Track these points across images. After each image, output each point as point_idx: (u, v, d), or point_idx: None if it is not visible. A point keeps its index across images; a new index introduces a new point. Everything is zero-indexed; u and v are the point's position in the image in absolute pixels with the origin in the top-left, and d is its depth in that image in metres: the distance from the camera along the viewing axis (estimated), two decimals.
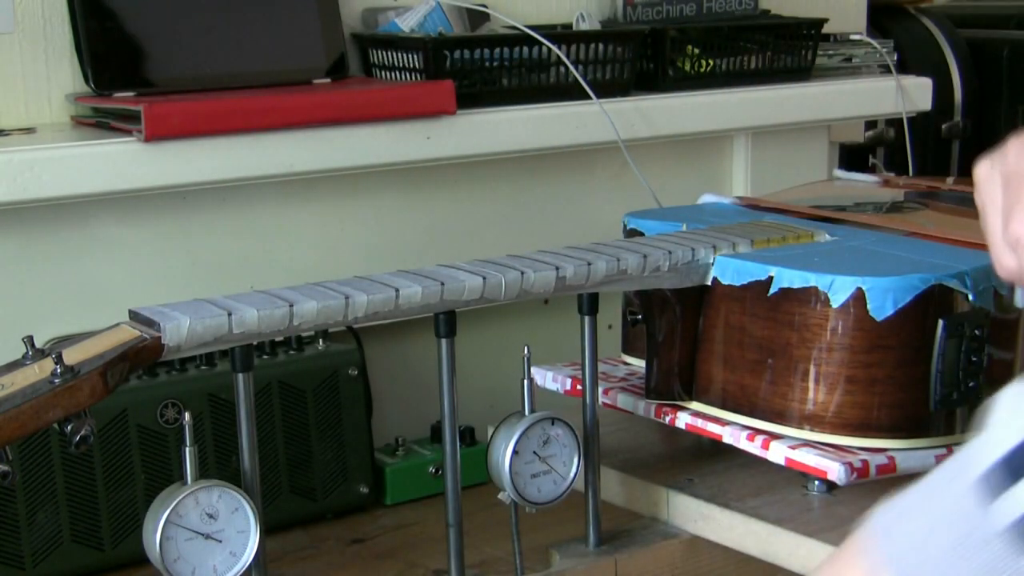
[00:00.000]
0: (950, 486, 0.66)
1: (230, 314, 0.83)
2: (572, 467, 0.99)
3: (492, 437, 0.98)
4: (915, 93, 1.69)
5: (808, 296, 0.98)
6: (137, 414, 1.15)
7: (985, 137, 2.13)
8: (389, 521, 1.26)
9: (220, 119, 1.25)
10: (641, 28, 1.55)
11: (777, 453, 0.98)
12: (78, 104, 1.33)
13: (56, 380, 0.76)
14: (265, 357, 1.23)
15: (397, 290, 0.89)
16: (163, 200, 1.27)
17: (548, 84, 1.45)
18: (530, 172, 1.48)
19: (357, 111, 1.32)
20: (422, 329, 1.03)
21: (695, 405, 1.05)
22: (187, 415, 0.85)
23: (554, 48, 1.43)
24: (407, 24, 1.47)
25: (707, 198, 1.28)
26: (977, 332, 0.99)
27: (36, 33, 1.32)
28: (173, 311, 0.83)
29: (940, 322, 0.97)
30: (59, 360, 0.76)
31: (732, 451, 1.03)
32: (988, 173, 0.75)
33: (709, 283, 1.03)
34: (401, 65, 1.43)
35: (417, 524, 1.25)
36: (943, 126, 2.14)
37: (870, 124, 1.98)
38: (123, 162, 1.21)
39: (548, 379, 1.15)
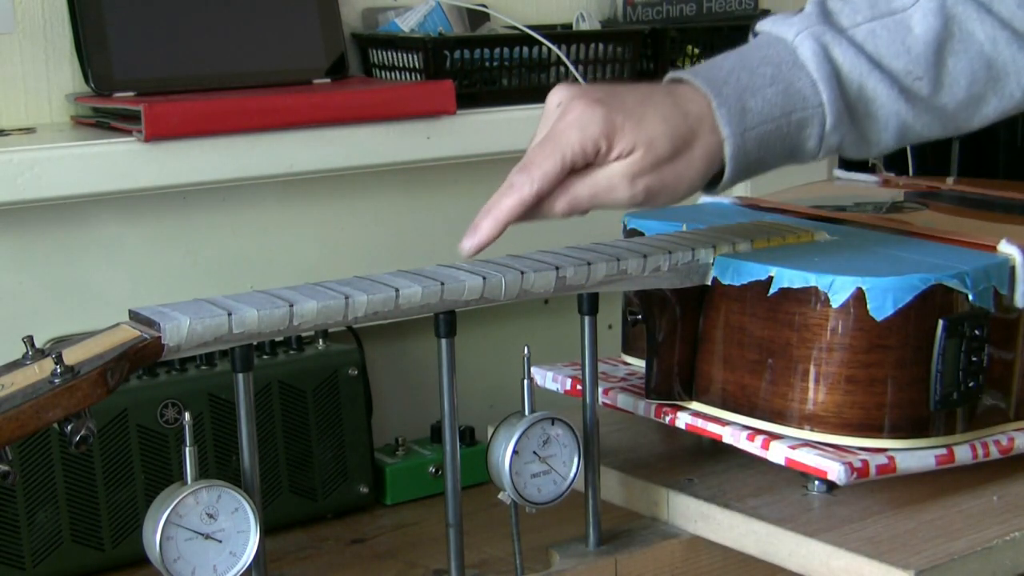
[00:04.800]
0: None
1: (230, 314, 0.83)
2: (572, 467, 0.99)
3: (492, 437, 0.98)
4: None
5: (808, 296, 0.98)
6: (137, 414, 1.15)
7: (985, 136, 2.12)
8: (389, 521, 1.26)
9: (220, 119, 1.25)
10: (641, 28, 1.55)
11: (777, 453, 0.98)
12: (78, 104, 1.33)
13: (56, 380, 0.76)
14: (265, 357, 1.23)
15: (397, 290, 0.89)
16: (163, 200, 1.27)
17: (548, 84, 1.45)
18: None
19: (357, 111, 1.32)
20: (422, 329, 1.03)
21: (695, 405, 1.05)
22: (187, 415, 0.84)
23: (554, 48, 1.43)
24: (407, 24, 1.47)
25: (707, 198, 1.28)
26: (977, 332, 0.99)
27: (36, 33, 1.32)
28: (173, 311, 0.83)
29: (940, 322, 0.97)
30: (59, 360, 0.76)
31: (732, 451, 1.03)
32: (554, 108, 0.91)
33: (709, 283, 1.03)
34: (401, 65, 1.43)
35: (417, 524, 1.25)
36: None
37: None
38: (123, 162, 1.21)
39: (548, 379, 1.15)
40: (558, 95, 0.92)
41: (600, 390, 1.08)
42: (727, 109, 0.91)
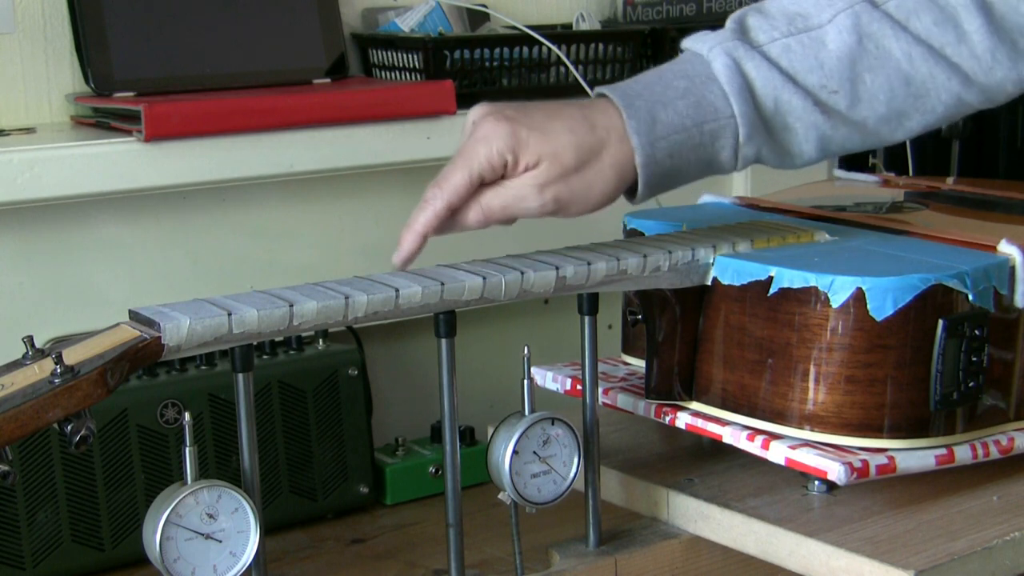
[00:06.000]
0: None
1: (230, 314, 0.83)
2: (572, 467, 0.99)
3: (492, 437, 0.98)
4: None
5: (808, 296, 0.98)
6: (137, 414, 1.15)
7: (985, 136, 2.13)
8: (389, 521, 1.26)
9: (220, 119, 1.25)
10: (641, 28, 1.55)
11: (777, 453, 0.98)
12: (78, 104, 1.33)
13: (56, 380, 0.76)
14: (265, 357, 1.23)
15: (397, 290, 0.89)
16: (163, 200, 1.27)
17: (548, 84, 1.45)
18: None
19: (357, 111, 1.32)
20: (422, 329, 1.03)
21: (695, 405, 1.05)
22: (187, 415, 0.84)
23: (554, 48, 1.43)
24: (407, 24, 1.47)
25: (707, 198, 1.28)
26: (977, 332, 0.99)
27: (36, 33, 1.32)
28: (173, 311, 0.83)
29: (940, 322, 0.97)
30: (59, 360, 0.76)
31: (732, 451, 1.03)
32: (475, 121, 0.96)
33: (709, 283, 1.03)
34: (401, 65, 1.43)
35: (417, 524, 1.25)
36: (942, 126, 2.13)
37: None
38: (123, 162, 1.21)
39: (548, 379, 1.15)
40: (473, 113, 0.97)
41: (600, 390, 1.08)
42: (636, 120, 0.95)
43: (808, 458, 0.96)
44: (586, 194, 0.95)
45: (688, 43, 1.01)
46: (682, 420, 1.05)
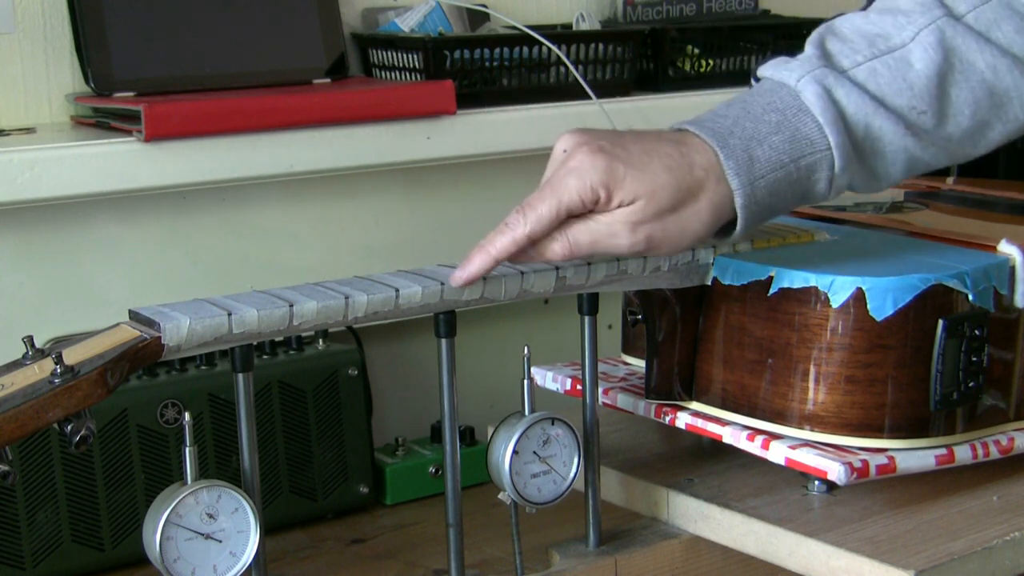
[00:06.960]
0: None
1: (230, 314, 0.83)
2: (572, 467, 0.99)
3: (492, 437, 0.98)
4: None
5: (808, 296, 0.98)
6: (137, 414, 1.15)
7: None
8: (389, 521, 1.26)
9: (220, 119, 1.25)
10: (641, 28, 1.55)
11: (777, 453, 0.98)
12: (78, 104, 1.33)
13: (56, 380, 0.76)
14: (265, 357, 1.23)
15: (397, 290, 0.89)
16: (163, 200, 1.27)
17: (548, 84, 1.45)
18: (530, 172, 1.48)
19: (357, 111, 1.32)
20: (422, 329, 1.03)
21: (695, 405, 1.05)
22: (187, 415, 0.85)
23: (554, 48, 1.43)
24: (407, 24, 1.47)
25: None
26: (977, 332, 0.99)
27: (36, 33, 1.32)
28: (173, 311, 0.83)
29: (940, 322, 0.97)
30: (59, 360, 0.76)
31: (732, 451, 1.03)
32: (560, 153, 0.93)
33: (709, 283, 1.03)
34: (401, 65, 1.43)
35: (417, 524, 1.25)
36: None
37: None
38: (123, 162, 1.21)
39: (548, 379, 1.15)
40: (564, 141, 0.93)
41: (600, 390, 1.08)
42: (735, 161, 0.92)
43: (808, 458, 0.96)
44: (680, 235, 0.92)
45: (768, 72, 0.97)
46: (682, 420, 1.05)
